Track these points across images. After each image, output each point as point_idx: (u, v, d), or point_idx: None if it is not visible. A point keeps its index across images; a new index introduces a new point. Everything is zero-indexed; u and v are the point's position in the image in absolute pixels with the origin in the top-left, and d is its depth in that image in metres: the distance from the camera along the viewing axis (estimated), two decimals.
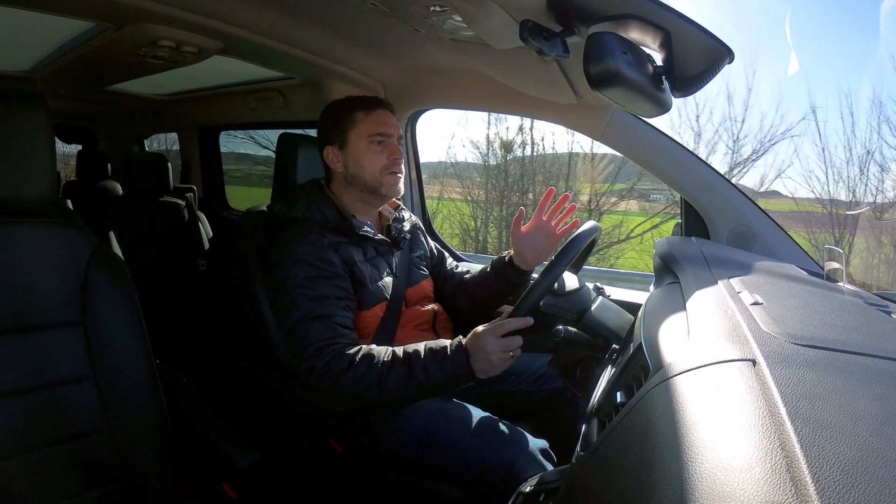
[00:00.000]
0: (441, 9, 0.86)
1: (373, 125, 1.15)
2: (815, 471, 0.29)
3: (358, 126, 1.16)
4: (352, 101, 1.18)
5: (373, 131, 1.15)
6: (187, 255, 2.28)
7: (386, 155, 1.15)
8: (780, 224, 1.23)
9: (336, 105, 1.21)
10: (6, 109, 0.84)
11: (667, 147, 1.25)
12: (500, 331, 0.94)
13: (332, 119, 1.19)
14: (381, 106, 1.18)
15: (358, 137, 1.15)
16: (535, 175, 5.30)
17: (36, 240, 0.88)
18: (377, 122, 1.16)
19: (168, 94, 2.45)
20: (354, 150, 1.16)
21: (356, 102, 1.18)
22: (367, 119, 1.16)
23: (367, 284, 1.11)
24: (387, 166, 1.16)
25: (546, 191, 1.20)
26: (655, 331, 0.61)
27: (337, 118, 1.18)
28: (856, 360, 0.47)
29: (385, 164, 1.15)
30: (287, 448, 1.25)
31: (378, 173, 1.16)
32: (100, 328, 0.91)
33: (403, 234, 1.25)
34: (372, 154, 1.15)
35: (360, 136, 1.15)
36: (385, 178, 1.16)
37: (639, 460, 0.40)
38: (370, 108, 1.17)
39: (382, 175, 1.16)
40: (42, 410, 0.85)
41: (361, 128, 1.15)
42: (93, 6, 1.16)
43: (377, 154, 1.15)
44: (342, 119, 1.17)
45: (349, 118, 1.16)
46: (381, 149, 1.16)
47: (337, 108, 1.20)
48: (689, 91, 0.78)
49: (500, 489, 0.91)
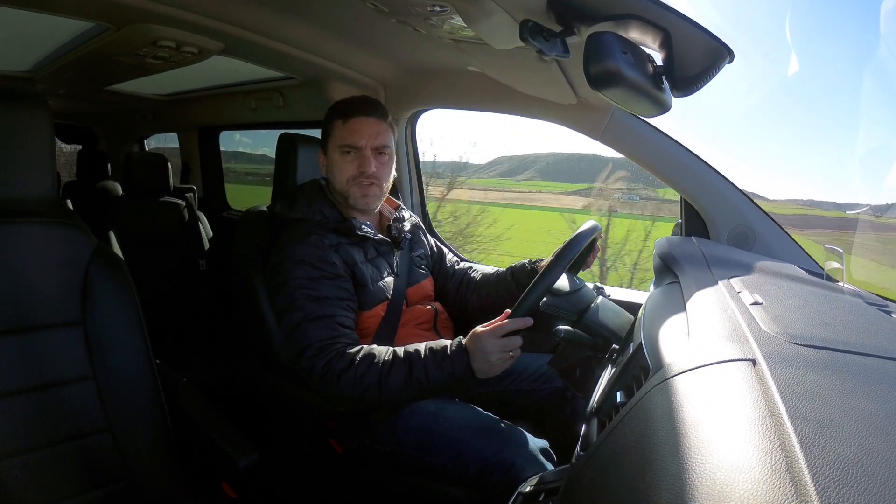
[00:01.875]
0: (441, 9, 0.86)
1: (345, 135, 1.14)
2: (815, 471, 0.29)
3: (334, 134, 1.16)
4: (336, 108, 1.18)
5: (344, 141, 1.14)
6: (187, 256, 2.28)
7: (356, 166, 1.14)
8: (781, 224, 1.23)
9: (329, 109, 1.20)
10: (6, 109, 0.84)
11: (667, 147, 1.25)
12: (499, 331, 0.94)
13: (323, 124, 1.20)
14: (360, 113, 1.15)
15: (333, 147, 1.16)
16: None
17: (36, 240, 0.88)
18: (350, 131, 1.14)
19: (168, 94, 2.45)
20: (331, 159, 1.17)
21: (339, 109, 1.17)
22: (343, 128, 1.15)
23: (368, 285, 1.11)
24: (354, 177, 1.14)
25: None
26: (655, 331, 0.60)
27: (325, 123, 1.19)
28: (856, 360, 0.47)
29: (353, 175, 1.14)
30: (287, 448, 1.25)
31: (345, 183, 1.15)
32: (100, 328, 0.91)
33: (404, 233, 1.25)
34: (342, 164, 1.14)
35: (335, 145, 1.15)
36: (352, 188, 1.14)
37: (639, 460, 0.40)
38: (347, 117, 1.15)
39: (350, 186, 1.14)
40: (42, 410, 0.85)
41: (336, 136, 1.15)
42: (93, 6, 1.16)
43: (347, 164, 1.14)
44: (327, 125, 1.18)
45: (329, 127, 1.17)
46: (352, 159, 1.14)
47: (328, 112, 1.19)
48: (689, 91, 0.77)
49: (500, 489, 0.91)
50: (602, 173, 4.68)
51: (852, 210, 3.18)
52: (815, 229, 3.61)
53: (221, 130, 2.74)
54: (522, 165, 4.24)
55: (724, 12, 2.49)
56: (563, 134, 4.93)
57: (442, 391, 0.99)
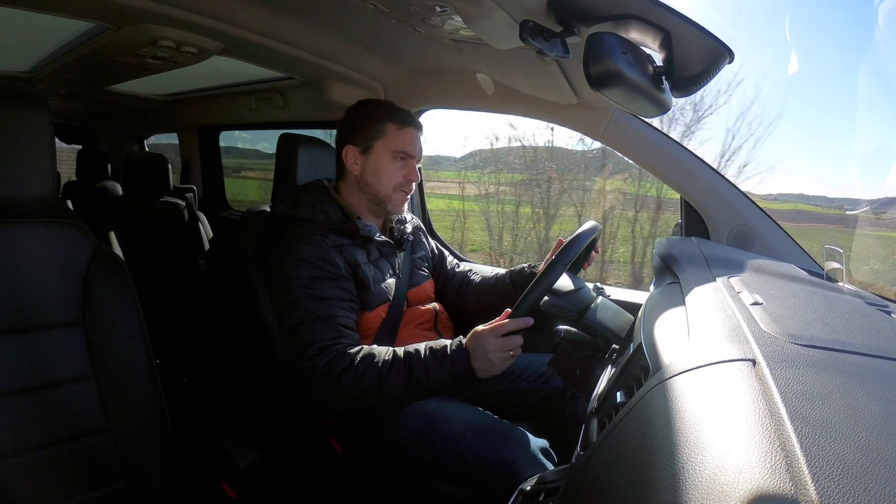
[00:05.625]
0: (441, 9, 0.86)
1: (402, 142, 1.15)
2: (815, 471, 0.29)
3: (387, 138, 1.15)
4: (388, 110, 1.17)
5: (400, 148, 1.15)
6: (187, 255, 2.28)
7: (404, 174, 1.16)
8: (781, 224, 1.23)
9: (369, 107, 1.18)
10: (6, 109, 0.84)
11: (667, 147, 1.25)
12: (500, 330, 0.94)
13: (361, 120, 1.17)
14: (415, 125, 1.18)
15: (383, 149, 1.15)
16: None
17: (36, 240, 0.88)
18: (407, 140, 1.15)
19: (168, 94, 2.45)
20: (376, 159, 1.15)
21: (392, 113, 1.16)
22: (399, 134, 1.15)
23: (370, 286, 1.11)
24: (401, 185, 1.16)
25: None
26: (655, 331, 0.60)
27: (367, 122, 1.16)
28: (856, 360, 0.47)
29: (400, 183, 1.16)
30: (287, 448, 1.25)
31: (391, 189, 1.16)
32: (100, 328, 0.91)
33: (406, 235, 1.25)
34: (393, 169, 1.15)
35: (386, 148, 1.15)
36: (396, 195, 1.17)
37: (639, 460, 0.40)
38: (404, 124, 1.16)
39: (395, 192, 1.16)
40: (42, 410, 0.85)
41: (390, 141, 1.15)
42: (93, 6, 1.16)
43: (397, 170, 1.15)
44: (372, 125, 1.15)
45: (380, 127, 1.15)
46: (402, 166, 1.16)
47: (370, 110, 1.17)
48: (689, 91, 0.77)
49: (500, 488, 0.91)
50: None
51: (838, 205, 3.17)
52: (811, 223, 3.62)
53: (221, 130, 2.74)
54: (494, 157, 4.24)
55: (724, 12, 2.50)
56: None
57: (442, 391, 0.99)
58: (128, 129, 3.05)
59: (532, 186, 4.40)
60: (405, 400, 1.02)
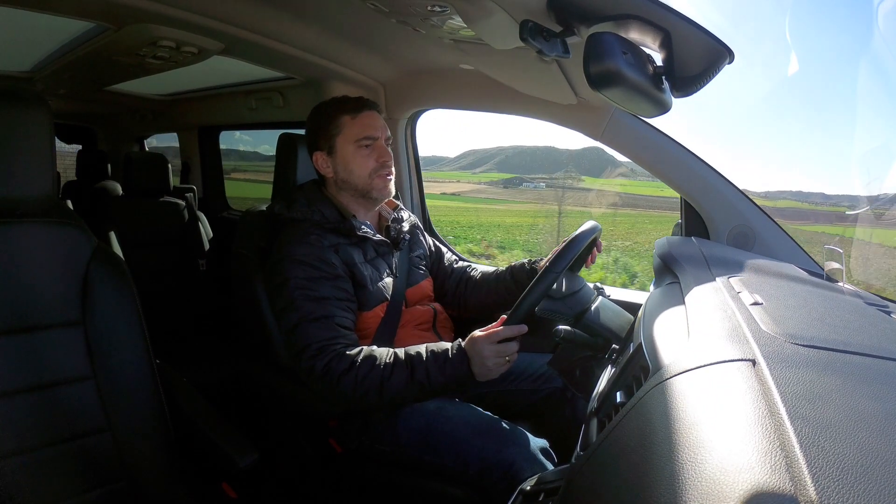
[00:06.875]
0: (441, 9, 0.86)
1: (360, 129, 1.14)
2: (815, 471, 0.29)
3: (345, 131, 1.15)
4: (337, 105, 1.17)
5: (360, 135, 1.14)
6: (187, 255, 2.28)
7: (374, 157, 1.15)
8: (781, 224, 1.23)
9: (322, 109, 1.19)
10: (6, 109, 0.84)
11: (667, 147, 1.25)
12: (494, 337, 0.95)
13: (318, 124, 1.18)
14: (367, 107, 1.17)
15: (345, 142, 1.15)
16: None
17: (36, 240, 0.88)
18: (364, 125, 1.15)
19: (168, 94, 2.45)
20: (343, 155, 1.15)
21: (342, 105, 1.16)
22: (354, 123, 1.15)
23: (367, 286, 1.11)
24: (376, 169, 1.15)
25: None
26: (655, 331, 0.61)
27: (323, 123, 1.17)
28: (856, 360, 0.47)
29: (374, 167, 1.15)
30: (287, 448, 1.25)
31: (367, 177, 1.15)
32: (100, 328, 0.91)
33: (403, 234, 1.25)
34: (360, 158, 1.15)
35: (348, 140, 1.15)
36: (375, 181, 1.16)
37: (638, 460, 0.40)
38: (356, 111, 1.15)
39: (372, 178, 1.15)
40: (42, 410, 0.85)
41: (348, 132, 1.15)
42: (93, 6, 1.16)
43: (365, 158, 1.15)
44: (329, 124, 1.16)
45: (335, 123, 1.16)
46: (370, 152, 1.15)
47: (323, 111, 1.18)
48: (689, 91, 0.77)
49: (500, 488, 0.91)
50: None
51: (835, 201, 3.17)
52: (809, 220, 3.63)
53: (221, 130, 2.74)
54: (485, 158, 4.22)
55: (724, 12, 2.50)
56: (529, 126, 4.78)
57: (442, 393, 0.99)
58: (128, 128, 3.05)
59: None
60: (406, 401, 1.02)
